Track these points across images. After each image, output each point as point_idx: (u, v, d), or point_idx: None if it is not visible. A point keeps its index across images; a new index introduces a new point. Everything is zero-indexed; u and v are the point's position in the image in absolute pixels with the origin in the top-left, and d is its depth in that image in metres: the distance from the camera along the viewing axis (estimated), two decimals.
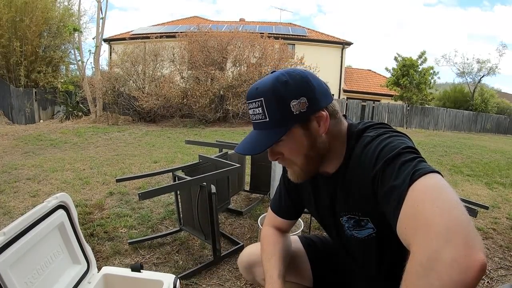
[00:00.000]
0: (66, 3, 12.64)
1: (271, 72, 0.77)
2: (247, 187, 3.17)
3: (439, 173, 0.59)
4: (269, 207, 1.07)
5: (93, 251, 1.32)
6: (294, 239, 1.13)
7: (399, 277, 0.54)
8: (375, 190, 0.68)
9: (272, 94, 0.72)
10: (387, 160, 0.65)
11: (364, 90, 16.44)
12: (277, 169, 2.48)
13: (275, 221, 1.03)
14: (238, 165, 2.06)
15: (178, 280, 1.22)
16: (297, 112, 0.72)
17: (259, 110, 0.73)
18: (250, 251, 1.11)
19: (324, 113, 0.75)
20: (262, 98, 0.72)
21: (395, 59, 14.45)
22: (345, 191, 0.80)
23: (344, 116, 0.84)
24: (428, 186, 0.56)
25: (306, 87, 0.73)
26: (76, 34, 10.78)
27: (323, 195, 0.88)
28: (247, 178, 3.22)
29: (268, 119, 0.73)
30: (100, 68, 11.42)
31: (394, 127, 0.78)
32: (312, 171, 0.82)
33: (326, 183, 0.85)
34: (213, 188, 1.80)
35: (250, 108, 0.76)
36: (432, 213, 0.50)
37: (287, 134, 0.74)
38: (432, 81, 14.27)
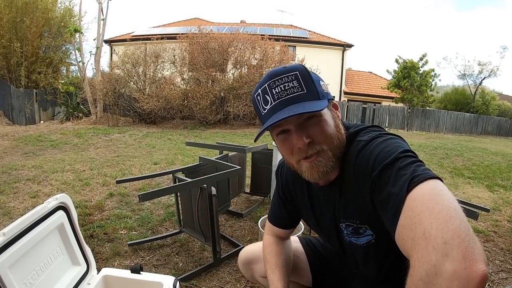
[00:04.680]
0: (67, 3, 12.70)
1: None
2: (247, 189, 3.16)
3: (438, 178, 0.57)
4: (267, 218, 1.09)
5: (92, 253, 1.31)
6: (294, 239, 1.15)
7: (398, 280, 0.53)
8: (373, 197, 0.66)
9: (304, 69, 0.72)
10: (384, 166, 0.63)
11: (365, 92, 16.43)
12: None
13: (274, 231, 1.05)
14: (238, 167, 2.05)
15: (178, 282, 1.22)
16: (326, 91, 0.74)
17: (294, 83, 0.70)
18: (250, 249, 1.15)
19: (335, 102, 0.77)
20: (297, 72, 0.70)
21: (396, 61, 14.44)
22: (344, 198, 0.79)
23: None
24: (426, 195, 0.54)
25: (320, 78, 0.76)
26: (77, 35, 10.81)
27: (323, 204, 0.87)
28: (248, 180, 3.22)
29: (306, 91, 0.70)
30: (101, 69, 11.46)
31: (394, 130, 0.77)
32: (334, 164, 0.74)
33: (326, 191, 0.84)
34: (214, 190, 1.80)
35: (279, 85, 0.70)
36: (429, 224, 0.49)
37: (325, 109, 0.71)
38: (433, 83, 14.24)
